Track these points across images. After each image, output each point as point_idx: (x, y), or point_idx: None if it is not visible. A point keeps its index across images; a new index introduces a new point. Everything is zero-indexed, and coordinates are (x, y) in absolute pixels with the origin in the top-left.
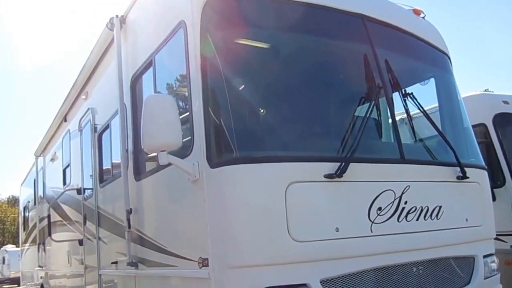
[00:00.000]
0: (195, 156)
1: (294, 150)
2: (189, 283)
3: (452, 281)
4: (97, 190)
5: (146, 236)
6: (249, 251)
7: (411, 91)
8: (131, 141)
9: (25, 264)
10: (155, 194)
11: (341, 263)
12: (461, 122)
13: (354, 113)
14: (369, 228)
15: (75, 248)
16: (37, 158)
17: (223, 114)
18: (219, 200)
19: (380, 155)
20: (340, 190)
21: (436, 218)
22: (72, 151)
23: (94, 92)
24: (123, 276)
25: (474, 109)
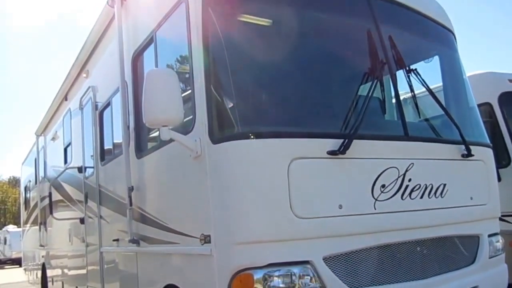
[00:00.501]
0: (197, 132)
1: (297, 126)
2: (191, 259)
3: (457, 260)
4: (98, 168)
5: (148, 213)
6: (252, 228)
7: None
8: (133, 118)
9: (27, 244)
10: (157, 171)
11: (344, 241)
12: (466, 100)
13: (358, 90)
14: (372, 205)
15: (76, 226)
16: (38, 137)
17: (225, 90)
18: (221, 176)
19: (384, 132)
20: (343, 167)
21: (441, 196)
22: (73, 130)
23: (95, 70)
24: (124, 254)
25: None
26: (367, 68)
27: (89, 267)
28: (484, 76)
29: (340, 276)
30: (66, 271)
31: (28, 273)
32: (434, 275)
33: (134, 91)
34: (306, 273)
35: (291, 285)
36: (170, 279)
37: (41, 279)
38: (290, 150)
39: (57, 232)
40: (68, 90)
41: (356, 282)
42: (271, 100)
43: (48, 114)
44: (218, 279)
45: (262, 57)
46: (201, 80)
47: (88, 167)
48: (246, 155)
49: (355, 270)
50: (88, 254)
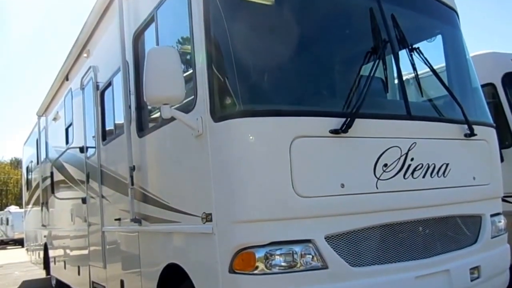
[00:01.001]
0: (198, 110)
1: (299, 104)
2: (192, 238)
3: (459, 239)
4: (100, 148)
5: (149, 192)
6: (253, 206)
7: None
8: (134, 98)
9: (29, 224)
10: (158, 151)
11: (346, 220)
12: (469, 80)
13: (360, 69)
14: (374, 184)
15: (78, 206)
16: (40, 118)
17: (227, 68)
18: (223, 155)
19: (387, 111)
20: (346, 146)
21: (443, 176)
22: (74, 110)
23: (96, 50)
24: (126, 233)
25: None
26: (369, 47)
27: (91, 247)
28: (488, 56)
29: (342, 255)
30: (68, 251)
31: (30, 254)
32: (436, 254)
33: (135, 71)
34: (308, 252)
35: (292, 264)
36: (172, 258)
37: (43, 259)
38: (292, 128)
39: (59, 212)
40: (69, 70)
41: (358, 261)
42: (273, 79)
43: (49, 94)
44: (219, 257)
45: (264, 35)
46: (203, 58)
47: (90, 147)
48: (248, 134)
49: (357, 249)
50: (90, 233)
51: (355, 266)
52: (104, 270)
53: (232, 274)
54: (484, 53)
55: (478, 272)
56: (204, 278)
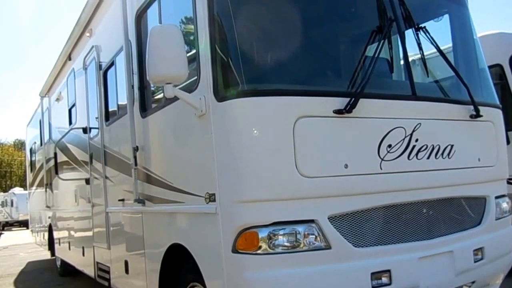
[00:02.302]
0: (201, 90)
1: (302, 84)
2: (196, 218)
3: (463, 221)
4: (103, 129)
5: (153, 173)
6: (257, 186)
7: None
8: (137, 78)
9: (33, 206)
10: (162, 131)
11: (349, 200)
12: (476, 61)
13: (365, 48)
14: (378, 165)
15: (82, 187)
16: (42, 98)
17: (230, 47)
18: (226, 134)
19: (391, 91)
20: (350, 126)
21: (448, 157)
22: (77, 90)
23: (99, 29)
24: (130, 213)
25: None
26: (375, 26)
27: (95, 228)
28: (495, 37)
29: (345, 236)
30: (72, 232)
31: (35, 235)
32: (440, 235)
33: (138, 50)
34: (311, 232)
35: (295, 244)
36: (176, 238)
37: (48, 240)
38: (296, 108)
39: (63, 193)
40: (72, 50)
41: (361, 242)
42: (276, 58)
43: (52, 74)
44: (223, 237)
45: (267, 15)
46: (206, 37)
47: (93, 128)
48: (251, 113)
49: (361, 229)
50: (94, 214)
51: (358, 247)
52: (108, 250)
53: (235, 254)
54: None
55: (481, 253)
56: (208, 258)
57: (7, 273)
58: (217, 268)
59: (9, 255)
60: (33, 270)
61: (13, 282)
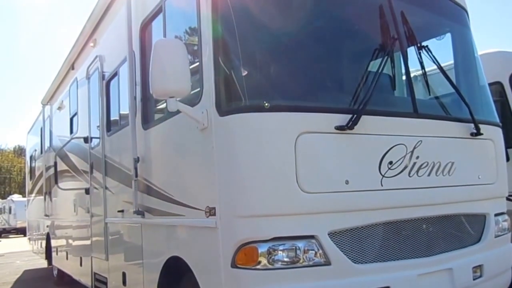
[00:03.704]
0: (204, 104)
1: (305, 100)
2: (195, 232)
3: (463, 238)
4: (104, 139)
5: (153, 185)
6: (257, 201)
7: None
8: (140, 89)
9: (31, 214)
10: (163, 143)
11: (350, 216)
12: (477, 79)
13: (368, 65)
14: (379, 181)
15: (81, 197)
16: (44, 106)
17: (234, 62)
18: (228, 149)
19: (393, 108)
20: (351, 143)
21: (448, 174)
22: (80, 99)
23: (103, 39)
24: (129, 225)
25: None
26: (378, 43)
27: (94, 238)
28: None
29: (345, 252)
30: (70, 241)
31: (32, 243)
32: (439, 252)
33: (141, 61)
34: (311, 248)
35: (295, 259)
36: (175, 251)
37: (45, 249)
38: (298, 124)
39: (62, 202)
40: (75, 59)
41: (362, 258)
42: (279, 74)
43: (55, 83)
44: (222, 251)
45: (272, 30)
46: (210, 51)
47: (94, 138)
48: (253, 128)
49: (361, 246)
50: (93, 224)
51: (358, 263)
52: (106, 261)
53: (235, 269)
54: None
55: (480, 271)
56: (207, 272)
57: (3, 282)
58: (216, 283)
59: (5, 263)
60: (29, 279)
61: None
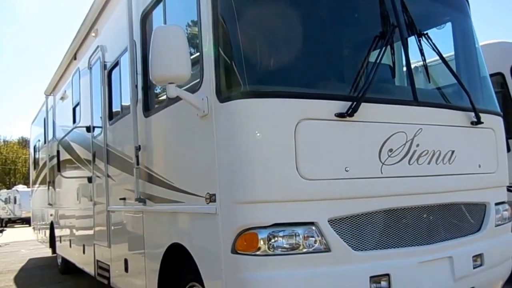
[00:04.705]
0: (204, 90)
1: (305, 87)
2: (196, 218)
3: (463, 227)
4: (106, 128)
5: (154, 172)
6: (257, 187)
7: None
8: (141, 78)
9: (36, 203)
10: (164, 131)
11: (350, 203)
12: (478, 69)
13: (368, 53)
14: (379, 169)
15: (84, 185)
16: (47, 97)
17: (233, 49)
18: (228, 135)
19: (393, 96)
20: (351, 130)
21: (448, 163)
22: (82, 89)
23: (104, 29)
24: (131, 212)
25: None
26: (378, 32)
27: (96, 226)
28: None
29: (345, 239)
30: (73, 230)
31: (36, 232)
32: (439, 241)
33: (142, 51)
34: (311, 234)
35: (295, 246)
36: (176, 237)
37: (49, 237)
38: (298, 110)
39: (65, 191)
40: (77, 49)
41: (361, 245)
42: (279, 61)
43: (57, 73)
44: (222, 238)
45: (271, 18)
46: (210, 38)
47: (96, 127)
48: (253, 115)
49: (360, 233)
50: (96, 213)
51: (358, 250)
52: (108, 249)
53: (235, 255)
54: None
55: (481, 259)
56: (207, 258)
57: (8, 269)
58: (216, 269)
59: (10, 251)
60: (34, 267)
61: (13, 278)
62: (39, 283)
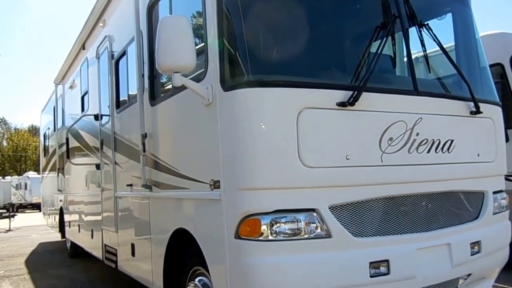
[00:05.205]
0: (209, 79)
1: (307, 76)
2: (200, 204)
3: (461, 215)
4: (114, 116)
5: (160, 159)
6: (260, 174)
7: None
8: (147, 67)
9: (45, 189)
10: (170, 119)
11: (350, 191)
12: (478, 60)
13: (369, 43)
14: (379, 157)
15: (92, 172)
16: (57, 86)
17: (237, 39)
18: (231, 123)
19: (394, 86)
20: (352, 119)
21: (447, 152)
22: (90, 78)
23: (112, 19)
24: (137, 198)
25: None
26: (379, 22)
27: (104, 211)
28: (497, 37)
29: (346, 225)
30: (82, 215)
31: (46, 217)
32: (438, 228)
33: (149, 41)
34: (312, 221)
35: (297, 232)
36: (181, 223)
37: (59, 222)
38: (300, 99)
39: (74, 178)
40: (86, 39)
41: (361, 232)
42: (282, 50)
43: (66, 63)
44: (226, 223)
45: (275, 8)
46: (214, 28)
47: (104, 115)
48: (256, 103)
49: (360, 220)
50: (103, 198)
51: (358, 237)
52: (116, 234)
53: (238, 240)
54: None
55: (478, 247)
56: (211, 243)
57: (19, 253)
58: (220, 253)
59: (21, 236)
60: (44, 251)
61: (24, 261)
62: (49, 266)
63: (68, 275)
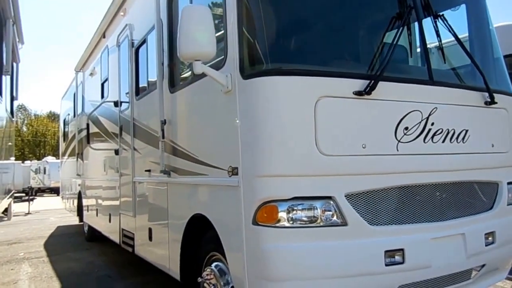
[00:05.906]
0: (228, 67)
1: (325, 65)
2: (218, 191)
3: (475, 205)
4: (133, 103)
5: (179, 146)
6: (278, 161)
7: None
8: (167, 55)
9: (64, 174)
10: (189, 106)
11: (366, 179)
12: (492, 50)
13: (385, 33)
14: (395, 146)
15: (111, 157)
16: (77, 73)
17: (257, 28)
18: (250, 111)
19: (410, 76)
20: (368, 108)
21: (462, 142)
22: (110, 66)
23: (132, 8)
24: (155, 183)
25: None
26: (395, 13)
27: (122, 196)
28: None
29: (361, 213)
30: (100, 200)
31: (65, 201)
32: (452, 218)
33: (169, 29)
34: (328, 208)
35: (313, 219)
36: (198, 208)
37: (77, 206)
38: (318, 88)
39: (93, 163)
40: (106, 28)
41: (376, 220)
42: (300, 40)
43: (87, 51)
44: (244, 209)
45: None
46: (234, 17)
47: (124, 102)
48: (275, 91)
49: (376, 208)
50: (122, 183)
51: (374, 225)
52: (133, 218)
53: (255, 226)
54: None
55: (493, 237)
56: (228, 229)
57: (38, 236)
58: (237, 239)
59: (40, 219)
60: (62, 234)
61: (43, 244)
62: (67, 249)
63: (85, 258)
